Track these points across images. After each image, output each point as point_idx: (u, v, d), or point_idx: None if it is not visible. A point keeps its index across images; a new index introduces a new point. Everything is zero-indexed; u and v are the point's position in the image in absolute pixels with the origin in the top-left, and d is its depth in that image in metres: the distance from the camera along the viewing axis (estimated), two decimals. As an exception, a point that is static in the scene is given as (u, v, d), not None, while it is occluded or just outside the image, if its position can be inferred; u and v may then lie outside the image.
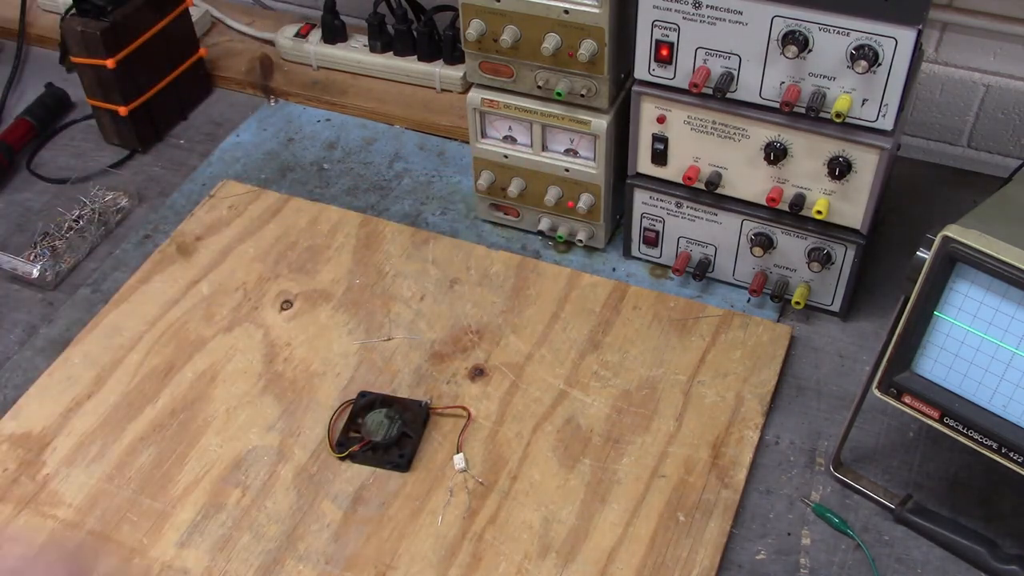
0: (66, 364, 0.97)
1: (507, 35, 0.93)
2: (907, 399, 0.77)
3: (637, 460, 0.88)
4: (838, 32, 0.82)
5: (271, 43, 1.34)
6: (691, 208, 1.00)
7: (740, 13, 0.85)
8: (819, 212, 0.91)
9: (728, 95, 0.89)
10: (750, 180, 0.94)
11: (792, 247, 0.97)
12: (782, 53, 0.85)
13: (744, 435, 0.90)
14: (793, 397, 0.94)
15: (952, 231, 0.71)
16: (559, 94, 0.96)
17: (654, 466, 0.88)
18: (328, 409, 0.93)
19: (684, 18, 0.87)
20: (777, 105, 0.88)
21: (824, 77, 0.85)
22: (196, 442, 0.91)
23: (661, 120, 0.94)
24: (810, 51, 0.84)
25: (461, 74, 1.24)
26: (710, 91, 0.89)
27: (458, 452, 0.89)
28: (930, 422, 0.77)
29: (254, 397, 0.94)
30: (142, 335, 0.99)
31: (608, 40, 0.91)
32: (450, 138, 1.22)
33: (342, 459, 0.89)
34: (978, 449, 0.75)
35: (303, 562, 0.82)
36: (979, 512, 0.85)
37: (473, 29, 0.95)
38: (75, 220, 1.12)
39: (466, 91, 1.11)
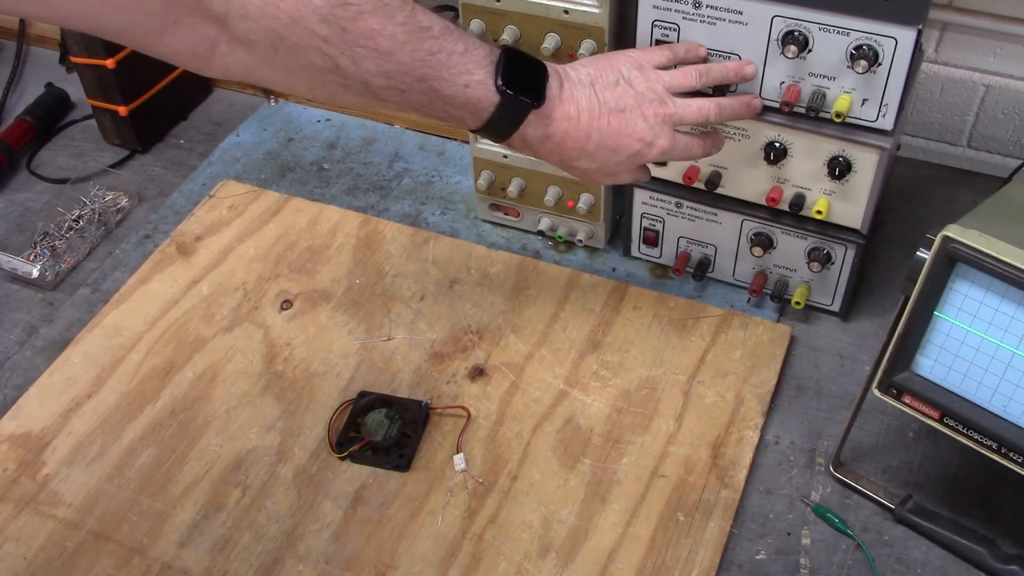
0: (66, 364, 0.97)
1: (507, 35, 0.93)
2: (907, 399, 0.77)
3: (637, 460, 0.88)
4: (838, 32, 0.82)
5: (271, 43, 1.34)
6: (691, 208, 1.00)
7: (740, 13, 0.85)
8: (819, 212, 0.91)
9: (728, 94, 0.89)
10: (750, 180, 0.94)
11: (792, 247, 0.97)
12: (782, 53, 0.85)
13: (744, 435, 0.90)
14: (793, 397, 0.94)
15: (952, 231, 0.71)
16: (559, 94, 0.96)
17: (654, 466, 0.88)
18: (328, 409, 0.93)
19: (684, 18, 0.87)
20: (777, 105, 0.88)
21: (824, 77, 0.85)
22: (196, 442, 0.91)
23: (661, 120, 0.94)
24: (810, 51, 0.84)
25: (461, 74, 1.24)
26: (710, 91, 0.89)
27: (458, 452, 0.89)
28: (930, 422, 0.77)
29: (254, 397, 0.94)
30: (142, 335, 0.99)
31: (608, 40, 0.91)
32: (450, 138, 1.22)
33: (342, 459, 0.89)
34: (978, 449, 0.75)
35: (303, 562, 0.82)
36: (979, 512, 0.85)
37: (473, 29, 0.95)
38: (75, 220, 1.12)
39: (466, 91, 1.11)
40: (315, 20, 0.68)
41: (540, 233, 1.08)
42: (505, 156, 1.04)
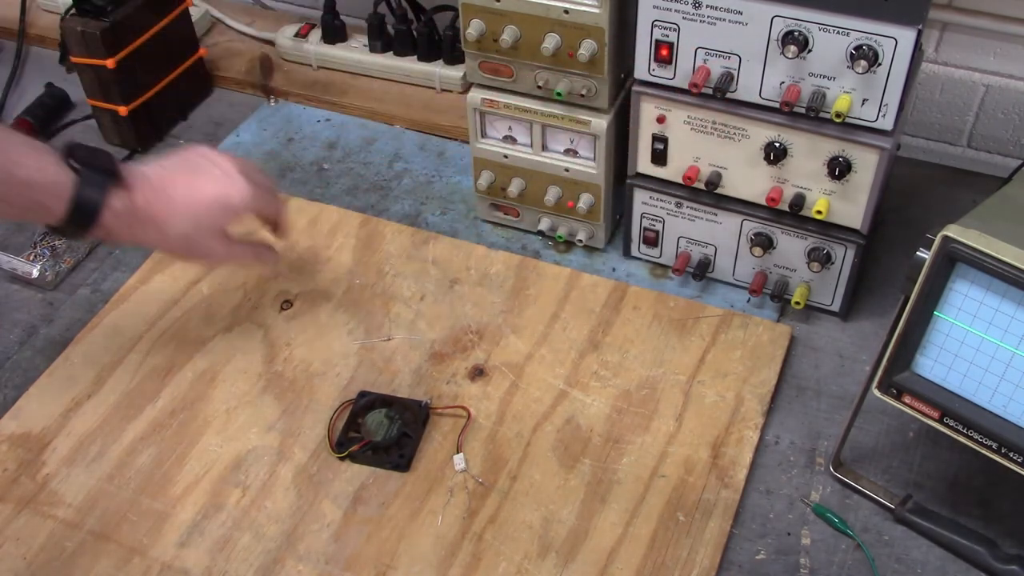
0: (66, 364, 0.97)
1: (507, 35, 0.93)
2: (907, 399, 0.77)
3: (637, 460, 0.88)
4: (838, 32, 0.82)
5: (271, 43, 1.34)
6: (691, 208, 1.00)
7: (740, 13, 0.85)
8: (819, 212, 0.91)
9: (728, 95, 0.89)
10: (750, 180, 0.94)
11: (792, 247, 0.97)
12: (782, 53, 0.85)
13: (744, 435, 0.90)
14: (793, 397, 0.94)
15: (952, 231, 0.71)
16: (559, 94, 0.96)
17: (654, 466, 0.88)
18: (328, 409, 0.93)
19: (684, 18, 0.87)
20: (777, 105, 0.88)
21: (824, 77, 0.85)
22: (196, 442, 0.91)
23: (661, 120, 0.94)
24: (810, 51, 0.84)
25: (461, 74, 1.24)
26: (710, 91, 0.89)
27: (458, 452, 0.89)
28: (930, 422, 0.77)
29: (254, 397, 0.94)
30: (142, 335, 0.99)
31: (608, 40, 0.91)
32: (450, 138, 1.22)
33: (342, 459, 0.89)
34: (978, 449, 0.75)
35: (303, 562, 0.82)
36: (979, 512, 0.85)
37: (473, 29, 0.95)
38: (75, 220, 1.12)
39: (466, 91, 1.11)
40: None
41: (540, 233, 1.08)
42: (506, 156, 1.04)
